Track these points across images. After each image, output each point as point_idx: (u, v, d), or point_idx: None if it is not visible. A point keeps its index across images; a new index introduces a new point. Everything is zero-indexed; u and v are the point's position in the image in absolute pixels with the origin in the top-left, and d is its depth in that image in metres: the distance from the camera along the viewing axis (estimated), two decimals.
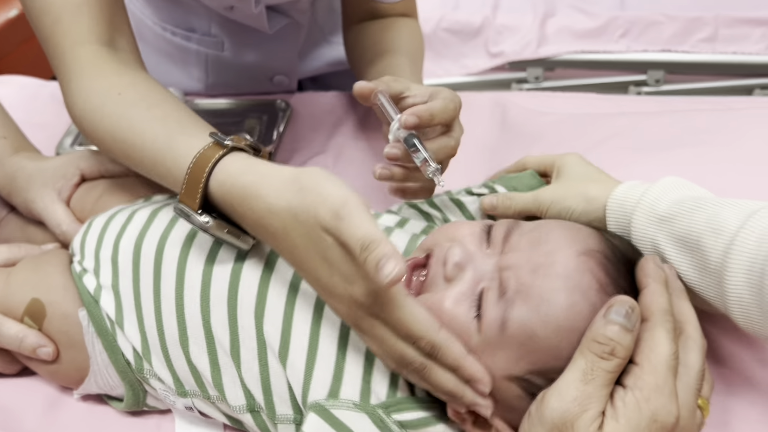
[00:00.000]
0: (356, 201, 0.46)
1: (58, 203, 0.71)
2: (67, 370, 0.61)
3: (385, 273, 0.42)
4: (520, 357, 0.47)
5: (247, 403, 0.54)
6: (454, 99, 0.63)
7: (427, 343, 0.46)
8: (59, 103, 1.04)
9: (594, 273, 0.48)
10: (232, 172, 0.52)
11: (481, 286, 0.49)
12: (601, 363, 0.42)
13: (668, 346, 0.43)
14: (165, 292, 0.57)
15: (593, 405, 0.42)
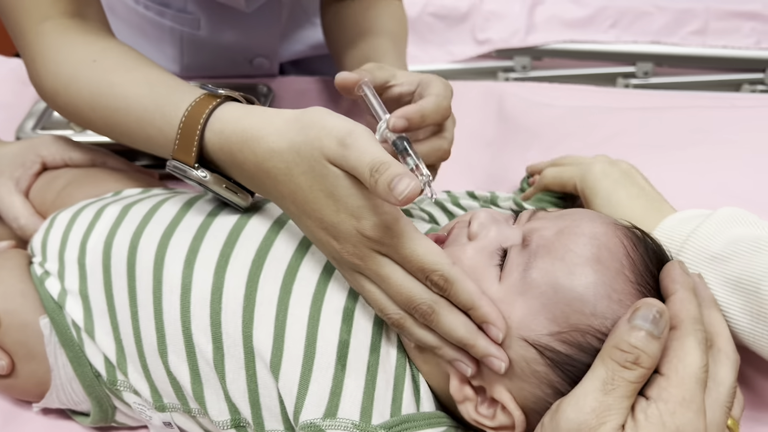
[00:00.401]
0: (361, 129, 0.44)
1: (15, 194, 0.65)
2: (25, 384, 0.55)
3: (399, 190, 0.39)
4: (540, 309, 0.43)
5: (232, 418, 0.49)
6: (446, 94, 0.57)
7: (441, 276, 0.43)
8: (20, 82, 0.98)
9: (622, 240, 0.46)
10: (230, 119, 0.50)
11: (504, 245, 0.47)
12: (623, 372, 0.39)
13: (698, 357, 0.40)
14: (141, 296, 0.51)
15: (612, 417, 0.38)
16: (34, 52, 0.59)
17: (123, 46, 0.60)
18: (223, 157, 0.50)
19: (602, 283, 0.43)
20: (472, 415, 0.46)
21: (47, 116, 0.85)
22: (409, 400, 0.47)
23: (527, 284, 0.44)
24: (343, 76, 0.56)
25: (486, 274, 0.46)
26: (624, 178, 0.59)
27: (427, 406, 0.48)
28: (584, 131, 0.80)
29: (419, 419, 0.46)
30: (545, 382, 0.43)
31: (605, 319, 0.42)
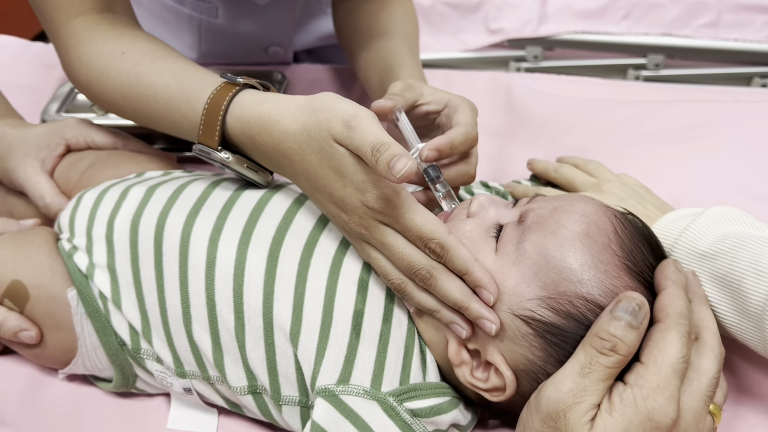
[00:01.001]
0: (365, 113, 0.48)
1: (41, 174, 0.68)
2: (53, 352, 0.59)
3: (397, 169, 0.44)
4: (532, 277, 0.47)
5: (249, 385, 0.53)
6: (474, 122, 0.60)
7: (437, 243, 0.47)
8: (45, 66, 1.01)
9: (611, 219, 0.49)
10: (248, 105, 0.54)
11: (501, 222, 0.51)
12: (600, 358, 0.42)
13: (677, 348, 0.43)
14: (168, 270, 0.55)
15: (588, 397, 0.42)
16: (67, 46, 0.63)
17: (149, 37, 0.64)
18: (244, 139, 0.54)
19: (590, 254, 0.47)
20: (467, 378, 0.49)
21: (71, 99, 0.88)
22: (417, 369, 0.51)
23: (521, 254, 0.48)
24: (379, 105, 0.59)
25: (483, 245, 0.49)
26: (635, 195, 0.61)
27: (433, 376, 0.52)
28: (588, 123, 0.82)
29: (426, 388, 0.50)
30: (535, 345, 0.46)
31: (591, 287, 0.46)
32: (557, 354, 0.46)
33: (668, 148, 0.76)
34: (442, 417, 0.50)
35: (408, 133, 0.59)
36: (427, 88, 0.64)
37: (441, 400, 0.50)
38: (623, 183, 0.64)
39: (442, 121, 0.62)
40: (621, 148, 0.77)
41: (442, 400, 0.50)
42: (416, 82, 0.64)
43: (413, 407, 0.49)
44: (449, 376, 0.52)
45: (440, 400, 0.50)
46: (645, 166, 0.73)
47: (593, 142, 0.78)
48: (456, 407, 0.51)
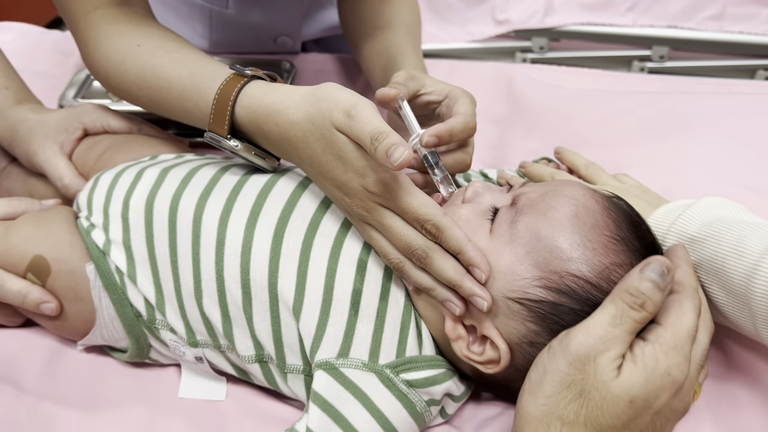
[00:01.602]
0: (365, 102, 0.50)
1: (60, 157, 0.71)
2: (73, 323, 0.62)
3: (396, 157, 0.46)
4: (525, 256, 0.50)
5: (256, 354, 0.56)
6: (473, 113, 0.62)
7: (433, 224, 0.50)
8: (61, 53, 1.05)
9: (599, 201, 0.52)
10: (256, 95, 0.57)
11: (495, 206, 0.54)
12: (630, 312, 0.45)
13: (693, 317, 0.46)
14: (181, 248, 0.58)
15: (617, 346, 0.44)
16: (86, 38, 0.67)
17: (163, 29, 0.67)
18: (252, 128, 0.58)
19: (578, 234, 0.50)
20: (463, 351, 0.52)
21: (87, 86, 0.91)
22: (413, 344, 0.54)
23: (514, 235, 0.51)
24: (383, 93, 0.61)
25: (478, 226, 0.52)
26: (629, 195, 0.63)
27: (429, 350, 0.55)
28: (585, 113, 0.84)
29: (421, 361, 0.53)
30: (528, 319, 0.50)
31: (580, 264, 0.49)
32: (550, 326, 0.49)
33: (663, 139, 0.79)
34: (437, 387, 0.53)
35: (410, 120, 0.61)
36: (429, 79, 0.66)
37: (436, 371, 0.53)
38: (620, 183, 0.67)
39: (442, 111, 0.64)
40: (615, 138, 0.79)
41: (436, 371, 0.53)
42: (418, 72, 0.67)
43: (409, 378, 0.52)
44: (445, 350, 0.56)
45: (435, 372, 0.53)
46: (638, 156, 0.75)
47: (589, 132, 0.80)
48: (450, 379, 0.54)
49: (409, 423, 0.52)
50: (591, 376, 0.44)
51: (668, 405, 0.44)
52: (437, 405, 0.54)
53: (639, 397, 0.43)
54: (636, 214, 0.54)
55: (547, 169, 0.70)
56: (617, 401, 0.43)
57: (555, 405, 0.44)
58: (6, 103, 0.74)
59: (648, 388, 0.43)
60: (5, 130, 0.74)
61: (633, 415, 0.43)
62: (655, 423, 0.44)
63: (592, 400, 0.44)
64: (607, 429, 0.44)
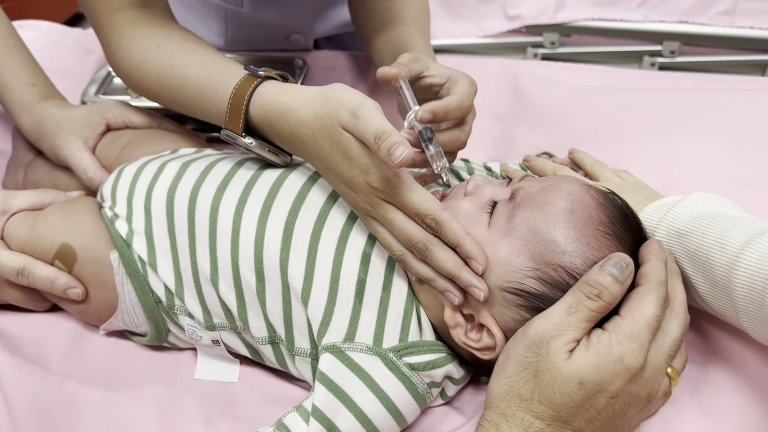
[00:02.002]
0: (370, 103, 0.53)
1: (84, 150, 0.75)
2: (97, 308, 0.66)
3: (396, 155, 0.49)
4: (521, 249, 0.52)
5: (269, 335, 0.60)
6: (470, 93, 0.64)
7: (432, 219, 0.52)
8: (83, 51, 1.08)
9: (594, 197, 0.54)
10: (268, 95, 0.60)
11: (495, 199, 0.56)
12: (586, 301, 0.48)
13: (653, 308, 0.48)
14: (199, 238, 0.61)
15: (569, 332, 0.48)
16: (109, 39, 0.70)
17: (182, 31, 0.70)
18: (265, 126, 0.61)
19: (573, 228, 0.52)
20: (461, 338, 0.55)
21: (108, 83, 0.95)
22: (414, 330, 0.57)
23: (511, 228, 0.53)
24: (384, 71, 0.64)
25: (477, 219, 0.55)
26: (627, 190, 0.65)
27: (429, 336, 0.58)
28: (587, 109, 0.86)
29: (422, 345, 0.56)
30: (523, 308, 0.52)
31: (574, 257, 0.52)
32: None
33: (664, 136, 0.80)
34: (437, 371, 0.56)
35: (407, 97, 0.64)
36: (433, 62, 0.68)
37: (436, 356, 0.56)
38: (621, 180, 0.69)
39: (443, 94, 0.66)
40: (617, 135, 0.81)
41: (437, 356, 0.57)
42: (423, 56, 0.69)
43: (411, 361, 0.55)
44: (444, 337, 0.58)
45: (436, 356, 0.56)
46: (639, 152, 0.76)
47: (591, 128, 0.82)
48: (450, 362, 0.57)
49: (411, 404, 0.55)
50: (544, 358, 0.47)
51: (625, 390, 0.47)
52: (438, 387, 0.57)
53: (589, 379, 0.46)
54: (629, 209, 0.56)
55: (550, 164, 0.73)
56: (567, 382, 0.46)
57: (514, 384, 0.48)
58: (33, 99, 0.77)
59: (599, 372, 0.46)
60: (32, 125, 0.77)
61: (585, 396, 0.47)
62: (614, 406, 0.47)
63: (543, 379, 0.47)
64: (560, 407, 0.47)
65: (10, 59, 0.78)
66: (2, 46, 0.78)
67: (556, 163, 0.74)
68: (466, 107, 0.63)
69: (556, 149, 0.81)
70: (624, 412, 0.48)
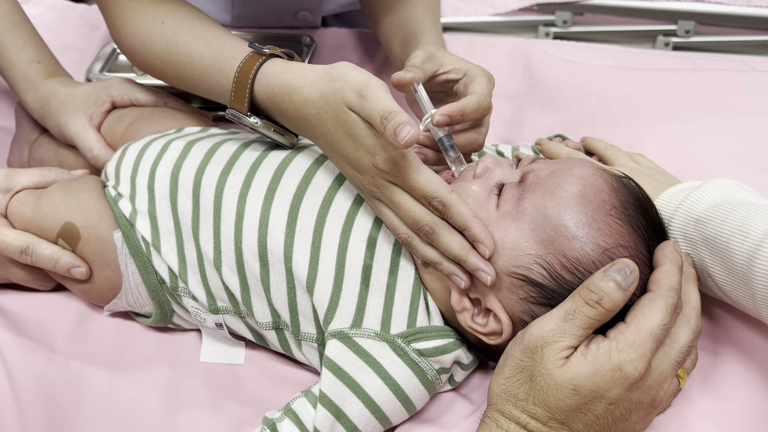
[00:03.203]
0: (376, 82, 0.52)
1: (89, 128, 0.74)
2: (101, 288, 0.65)
3: (402, 136, 0.48)
4: (531, 233, 0.51)
5: (273, 321, 0.59)
6: (488, 92, 0.62)
7: (440, 201, 0.51)
8: (88, 27, 1.07)
9: (606, 180, 0.53)
10: (273, 74, 0.59)
11: (504, 182, 0.55)
12: (584, 308, 0.47)
13: (660, 316, 0.47)
14: (203, 220, 0.61)
15: (565, 339, 0.47)
16: (113, 14, 0.69)
17: (186, 6, 0.69)
18: (270, 105, 0.60)
19: (584, 213, 0.51)
20: (468, 323, 0.54)
21: (113, 59, 0.94)
22: (423, 315, 0.56)
23: (520, 212, 0.52)
24: (398, 77, 0.60)
25: (486, 203, 0.54)
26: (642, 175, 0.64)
27: (437, 321, 0.57)
28: (600, 90, 0.85)
29: (431, 331, 0.56)
30: (531, 294, 0.51)
31: (584, 243, 0.50)
32: (550, 302, 0.51)
33: (678, 117, 0.79)
34: (446, 356, 0.55)
35: (424, 102, 0.62)
36: (448, 57, 0.66)
37: (445, 341, 0.56)
38: (636, 164, 0.67)
39: (459, 89, 0.65)
40: (630, 116, 0.79)
41: (446, 341, 0.56)
42: (437, 50, 0.67)
43: (420, 347, 0.54)
44: (452, 322, 0.58)
45: (444, 341, 0.56)
46: (652, 134, 0.75)
47: (604, 109, 0.81)
48: (459, 348, 0.56)
49: (420, 390, 0.55)
50: (539, 363, 0.47)
51: (625, 397, 0.46)
52: (447, 373, 0.57)
53: (584, 386, 0.46)
54: (644, 195, 0.55)
55: (564, 148, 0.71)
56: (561, 388, 0.46)
57: (511, 385, 0.49)
58: (37, 77, 0.77)
59: (596, 380, 0.46)
60: (37, 103, 0.77)
61: (580, 401, 0.46)
62: (614, 412, 0.47)
63: (537, 384, 0.47)
64: (555, 410, 0.47)
65: (15, 35, 0.77)
66: (6, 21, 0.77)
67: (569, 147, 0.72)
68: (484, 108, 0.61)
69: (568, 131, 0.79)
70: (626, 417, 0.48)
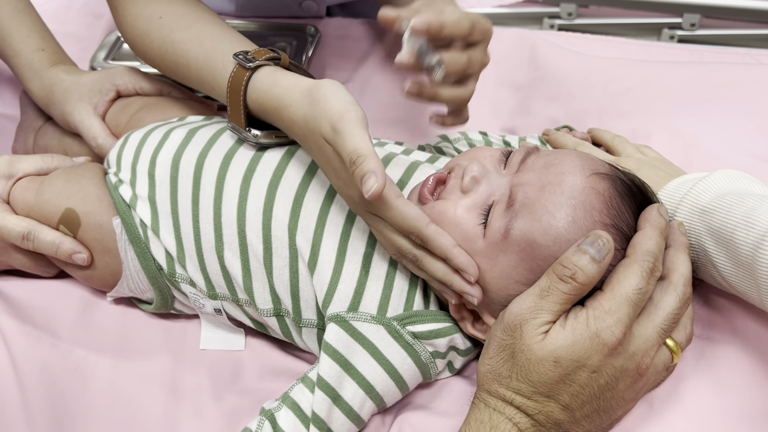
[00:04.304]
0: (352, 115, 0.50)
1: (94, 117, 0.74)
2: (102, 274, 0.66)
3: (367, 188, 0.47)
4: (519, 262, 0.50)
5: (274, 308, 0.59)
6: (476, 20, 0.60)
7: (417, 236, 0.51)
8: (93, 15, 1.07)
9: (599, 196, 0.50)
10: (262, 89, 0.58)
11: (491, 200, 0.52)
12: (558, 284, 0.47)
13: (635, 281, 0.47)
14: (203, 204, 0.61)
15: (542, 315, 0.48)
16: (116, 3, 0.69)
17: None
18: (266, 117, 0.60)
19: (574, 242, 0.49)
20: (469, 330, 0.55)
21: (117, 48, 0.94)
22: (419, 301, 0.57)
23: (508, 242, 0.50)
24: (383, 13, 0.58)
25: (472, 232, 0.52)
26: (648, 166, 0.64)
27: (435, 308, 0.57)
28: (606, 82, 0.84)
29: (426, 315, 0.56)
30: None
31: None
32: None
33: (684, 109, 0.78)
34: (441, 340, 0.56)
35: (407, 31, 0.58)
36: (449, 7, 0.63)
37: (440, 325, 0.56)
38: (642, 155, 0.67)
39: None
40: (636, 108, 0.79)
41: (441, 325, 0.56)
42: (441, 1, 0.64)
43: (414, 330, 0.55)
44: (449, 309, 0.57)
45: (439, 325, 0.56)
46: (658, 126, 0.75)
47: (610, 101, 0.81)
48: (455, 333, 0.56)
49: (413, 371, 0.55)
50: (518, 340, 0.48)
51: (607, 364, 0.46)
52: (442, 358, 0.57)
53: (564, 357, 0.46)
54: (642, 194, 0.53)
55: (571, 139, 0.71)
56: (541, 362, 0.47)
57: (495, 364, 0.49)
58: (42, 65, 0.77)
59: (575, 349, 0.46)
60: (41, 91, 0.76)
61: (562, 373, 0.46)
62: (599, 380, 0.47)
63: (519, 360, 0.48)
64: (538, 384, 0.47)
65: (19, 23, 0.77)
66: (11, 9, 0.77)
67: (576, 137, 0.72)
68: (466, 27, 0.59)
69: (574, 122, 0.79)
70: (612, 386, 0.47)
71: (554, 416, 0.47)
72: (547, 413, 0.47)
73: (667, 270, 0.50)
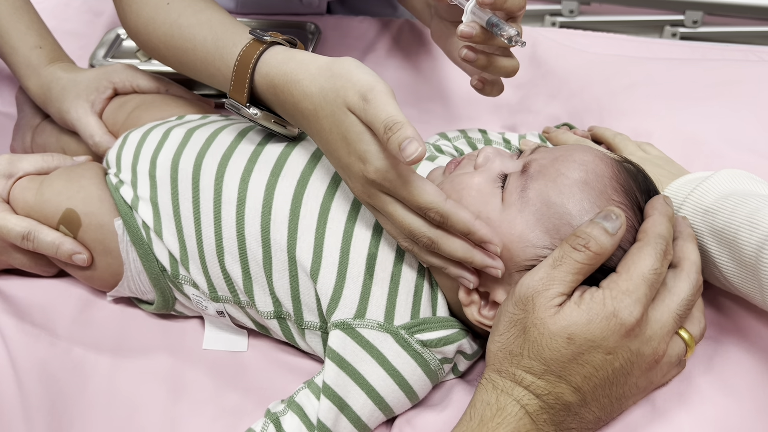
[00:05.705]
0: (383, 87, 0.49)
1: (91, 115, 0.74)
2: (102, 274, 0.65)
3: (408, 152, 0.45)
4: (536, 223, 0.50)
5: (275, 310, 0.59)
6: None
7: (436, 212, 0.49)
8: (92, 13, 1.06)
9: (608, 166, 0.52)
10: (274, 63, 0.57)
11: (506, 173, 0.54)
12: (572, 253, 0.47)
13: (650, 261, 0.47)
14: (204, 206, 0.60)
15: (555, 286, 0.47)
16: None
17: None
18: (270, 96, 0.58)
19: (588, 200, 0.50)
20: (475, 316, 0.54)
21: (117, 46, 0.93)
22: (427, 306, 0.56)
23: (524, 203, 0.51)
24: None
25: (490, 196, 0.53)
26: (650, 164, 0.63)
27: (443, 311, 0.57)
28: (607, 79, 0.84)
29: (434, 322, 0.55)
30: None
31: None
32: None
33: (686, 107, 0.78)
34: (449, 347, 0.55)
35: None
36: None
37: (449, 332, 0.55)
38: (644, 153, 0.66)
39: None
40: (637, 106, 0.78)
41: (449, 332, 0.55)
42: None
43: (423, 338, 0.54)
44: (457, 312, 0.57)
45: (448, 332, 0.55)
46: (660, 124, 0.75)
47: (611, 99, 0.80)
48: (463, 338, 0.56)
49: (423, 380, 0.55)
50: (531, 314, 0.47)
51: (624, 346, 0.46)
52: (450, 363, 0.56)
53: (578, 335, 0.45)
54: (645, 179, 0.54)
55: (572, 137, 0.71)
56: (554, 337, 0.46)
57: (506, 341, 0.48)
58: (40, 62, 0.76)
59: (590, 328, 0.45)
60: (39, 89, 0.76)
61: (576, 351, 0.45)
62: (613, 363, 0.46)
63: (531, 335, 0.47)
64: (550, 361, 0.46)
65: (17, 20, 0.77)
66: (9, 6, 0.77)
67: (577, 135, 0.72)
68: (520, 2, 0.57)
69: (575, 120, 0.79)
70: (626, 371, 0.47)
71: (564, 398, 0.46)
72: (557, 394, 0.46)
73: (677, 259, 0.50)
